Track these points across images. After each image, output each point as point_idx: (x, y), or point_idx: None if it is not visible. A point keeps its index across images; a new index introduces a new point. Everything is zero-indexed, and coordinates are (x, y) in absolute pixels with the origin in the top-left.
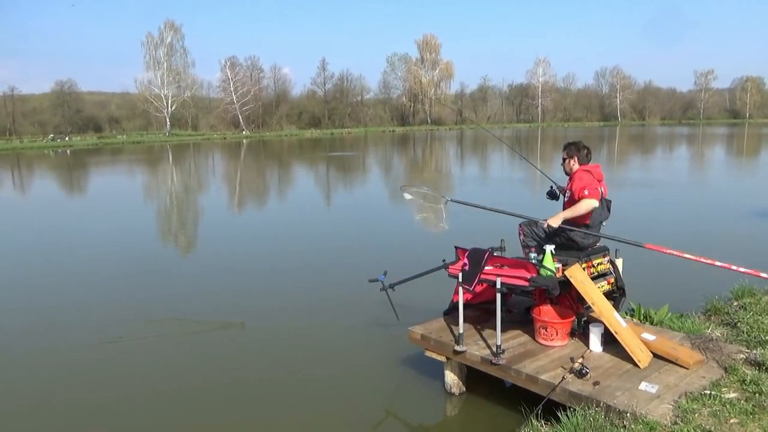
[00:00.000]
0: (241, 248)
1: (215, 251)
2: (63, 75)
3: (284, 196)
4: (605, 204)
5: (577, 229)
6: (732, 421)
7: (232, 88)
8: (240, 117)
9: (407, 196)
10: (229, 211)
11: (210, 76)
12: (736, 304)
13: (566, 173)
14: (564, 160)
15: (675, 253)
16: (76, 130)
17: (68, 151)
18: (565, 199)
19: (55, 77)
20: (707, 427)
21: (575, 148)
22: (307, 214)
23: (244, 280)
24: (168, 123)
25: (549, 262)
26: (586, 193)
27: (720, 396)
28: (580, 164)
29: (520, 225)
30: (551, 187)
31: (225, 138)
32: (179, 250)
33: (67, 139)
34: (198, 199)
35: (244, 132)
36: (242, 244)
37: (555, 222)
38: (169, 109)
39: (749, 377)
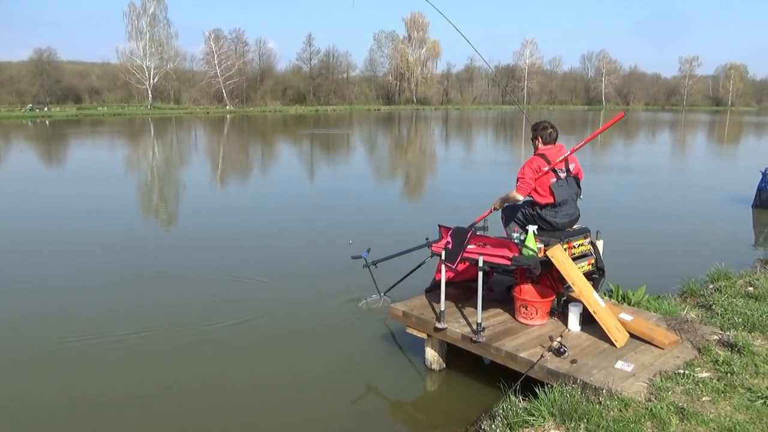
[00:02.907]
0: (220, 224)
1: (194, 227)
2: (42, 43)
3: (267, 172)
4: (574, 180)
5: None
6: (704, 398)
7: (216, 61)
8: (224, 91)
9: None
10: (211, 187)
11: (193, 49)
12: (711, 286)
13: (534, 152)
14: (532, 140)
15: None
16: (55, 100)
17: (47, 122)
18: None
19: (34, 45)
20: (680, 404)
21: (540, 128)
22: (289, 191)
23: (221, 253)
24: (150, 95)
25: (531, 242)
26: (517, 185)
27: (693, 375)
28: (544, 144)
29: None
30: None
31: (208, 112)
32: (160, 226)
33: (45, 109)
34: (180, 174)
35: (227, 107)
36: (221, 220)
37: (497, 203)
38: (152, 81)
39: (722, 358)
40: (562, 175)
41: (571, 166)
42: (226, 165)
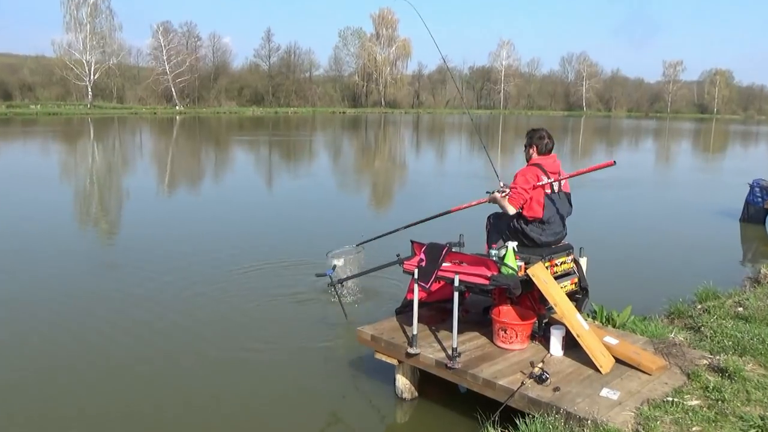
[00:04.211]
0: (167, 237)
1: (136, 238)
2: None
3: (220, 181)
4: (565, 197)
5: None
6: (694, 429)
7: (164, 57)
8: (173, 89)
9: (338, 263)
10: (158, 196)
11: (139, 42)
12: (699, 307)
13: (527, 161)
14: (525, 147)
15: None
16: None
17: None
18: None
19: None
20: None
21: (536, 137)
22: (245, 200)
23: (167, 269)
24: (90, 93)
25: (511, 259)
26: (509, 195)
27: (682, 403)
28: (539, 154)
29: (488, 216)
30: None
31: (155, 113)
32: (99, 239)
33: None
34: (122, 182)
35: (177, 107)
36: (168, 232)
37: (489, 199)
38: (92, 77)
39: (712, 384)
40: (556, 189)
41: (562, 182)
42: (174, 172)
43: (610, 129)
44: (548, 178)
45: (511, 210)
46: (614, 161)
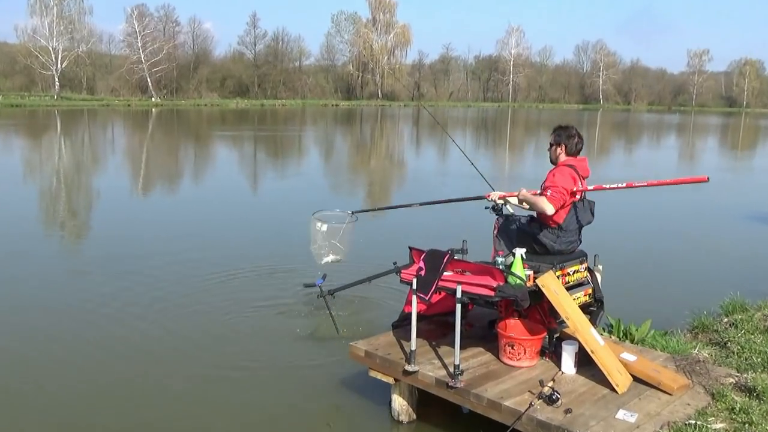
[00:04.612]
0: (140, 241)
1: (106, 243)
2: None
3: (200, 180)
4: (588, 206)
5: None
6: None
7: (139, 44)
8: (149, 80)
9: (322, 227)
10: (131, 197)
11: (112, 28)
12: (726, 320)
13: (551, 162)
14: (551, 146)
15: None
16: None
17: None
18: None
19: None
20: None
21: (565, 135)
22: (226, 202)
23: (144, 283)
24: (57, 83)
25: (518, 268)
26: (548, 194)
27: (706, 426)
28: (567, 155)
29: (496, 220)
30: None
31: (129, 105)
32: (65, 243)
33: None
34: (92, 180)
35: (153, 99)
36: (142, 235)
37: (522, 194)
38: (59, 66)
39: (738, 405)
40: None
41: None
42: (149, 171)
43: (629, 124)
44: (582, 182)
45: (549, 209)
46: (707, 178)
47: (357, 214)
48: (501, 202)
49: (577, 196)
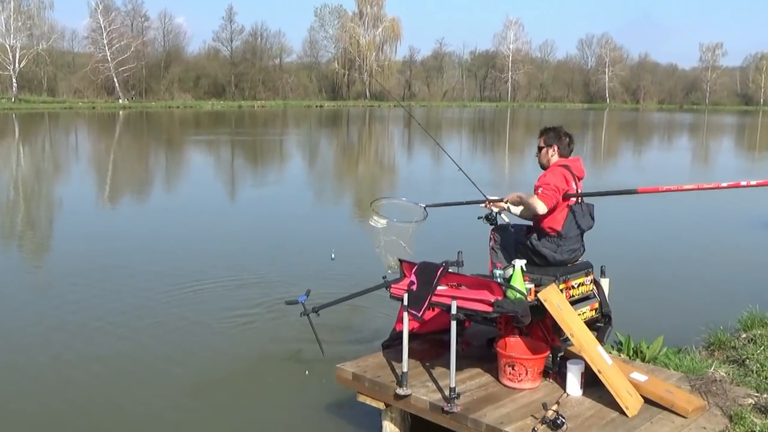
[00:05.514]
0: (108, 253)
1: (70, 256)
2: None
3: (172, 188)
4: (587, 209)
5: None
6: None
7: (105, 41)
8: (115, 80)
9: (379, 222)
10: (97, 207)
11: (75, 24)
12: (744, 336)
13: (542, 166)
14: (540, 149)
15: (672, 188)
16: None
17: None
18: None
19: None
20: None
21: (555, 136)
22: (200, 211)
23: (109, 297)
24: (14, 84)
25: (518, 281)
26: (540, 191)
27: None
28: (560, 156)
29: (492, 230)
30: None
31: (94, 107)
32: (25, 257)
33: None
34: (54, 189)
35: (120, 100)
36: (111, 247)
37: (512, 198)
38: (17, 65)
39: (758, 427)
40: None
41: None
42: (116, 179)
43: (638, 124)
44: (576, 184)
45: (541, 208)
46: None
47: (429, 208)
48: (495, 210)
49: (575, 201)
